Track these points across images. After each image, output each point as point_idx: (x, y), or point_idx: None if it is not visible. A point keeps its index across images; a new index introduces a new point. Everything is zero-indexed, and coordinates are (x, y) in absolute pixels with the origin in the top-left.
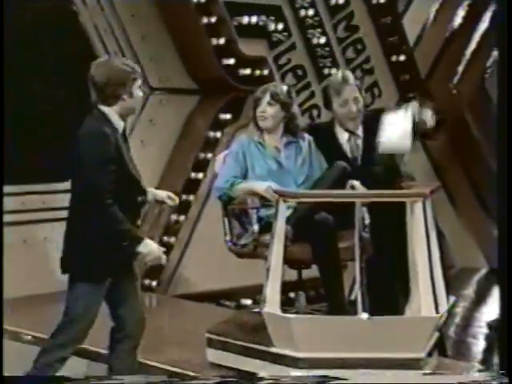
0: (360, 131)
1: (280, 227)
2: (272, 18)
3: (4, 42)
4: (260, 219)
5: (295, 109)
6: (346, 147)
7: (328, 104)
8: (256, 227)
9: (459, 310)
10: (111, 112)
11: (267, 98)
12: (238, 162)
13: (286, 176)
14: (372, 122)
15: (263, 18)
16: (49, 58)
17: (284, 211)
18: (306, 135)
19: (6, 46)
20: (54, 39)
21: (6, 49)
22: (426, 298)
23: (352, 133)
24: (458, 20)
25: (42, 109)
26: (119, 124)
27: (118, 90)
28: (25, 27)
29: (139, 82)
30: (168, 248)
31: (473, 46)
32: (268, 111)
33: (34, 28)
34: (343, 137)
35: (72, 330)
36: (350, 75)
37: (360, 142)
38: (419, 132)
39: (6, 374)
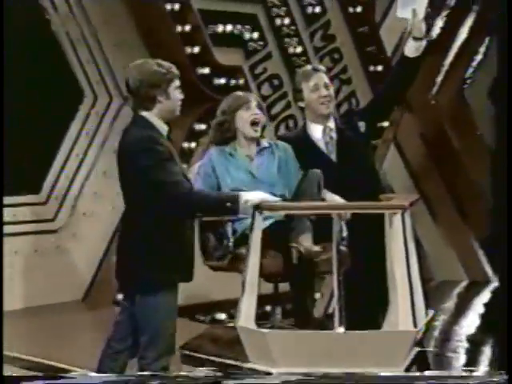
0: (332, 124)
1: (256, 240)
2: (247, 26)
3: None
4: (234, 232)
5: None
6: (321, 143)
7: (298, 94)
8: (231, 240)
9: (439, 323)
10: (152, 116)
11: (254, 102)
12: (207, 175)
13: (260, 186)
14: (344, 118)
15: (238, 26)
16: (22, 67)
17: (260, 223)
18: (281, 142)
19: None
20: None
21: None
22: (405, 312)
23: (325, 126)
24: (436, 30)
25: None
26: (163, 128)
27: (153, 91)
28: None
29: (176, 82)
30: None
31: (451, 55)
32: (259, 117)
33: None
34: (317, 133)
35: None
36: (319, 65)
37: (334, 134)
38: None
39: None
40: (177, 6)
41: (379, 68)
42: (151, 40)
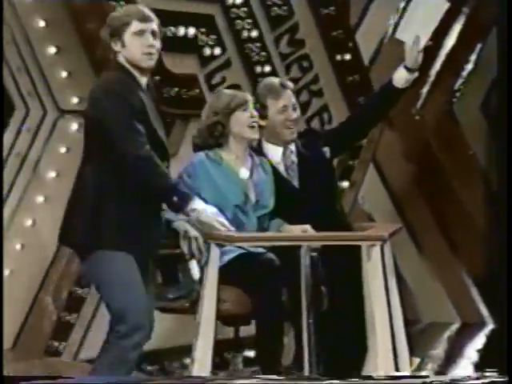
0: (293, 146)
1: (212, 276)
2: (203, 29)
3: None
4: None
5: None
6: (281, 166)
7: (261, 110)
8: (197, 277)
9: (427, 372)
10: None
11: (251, 102)
12: (187, 187)
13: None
14: (306, 139)
15: (193, 29)
16: None
17: (217, 257)
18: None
19: None
20: None
21: None
22: (385, 357)
23: (285, 148)
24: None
25: None
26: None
27: (109, 41)
28: None
29: (135, 26)
30: (79, 303)
31: (438, 65)
32: (258, 120)
33: None
34: (277, 154)
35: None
36: (286, 80)
37: (295, 158)
38: None
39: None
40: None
41: (355, 77)
42: (92, 47)
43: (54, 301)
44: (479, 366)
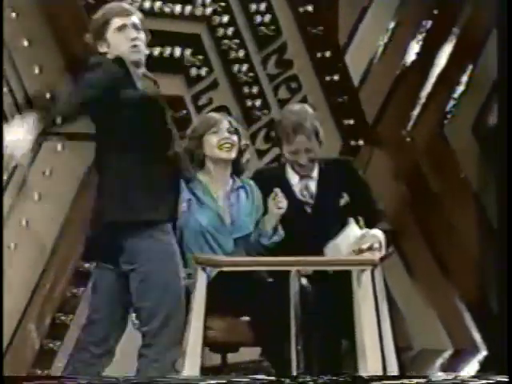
0: (315, 173)
1: (199, 301)
2: (190, 49)
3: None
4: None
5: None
6: (296, 188)
7: (278, 144)
8: None
9: None
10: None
11: (226, 124)
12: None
13: (228, 229)
14: (331, 169)
15: (179, 49)
16: None
17: (203, 281)
18: (255, 186)
19: None
20: None
21: None
22: None
23: (302, 177)
24: (411, 55)
25: None
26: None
27: (94, 44)
28: None
29: (116, 23)
30: (63, 330)
31: (429, 85)
32: (232, 138)
33: None
34: (294, 177)
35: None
36: (307, 115)
37: (313, 184)
38: None
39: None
40: None
41: (344, 99)
42: (74, 65)
43: (37, 328)
44: None
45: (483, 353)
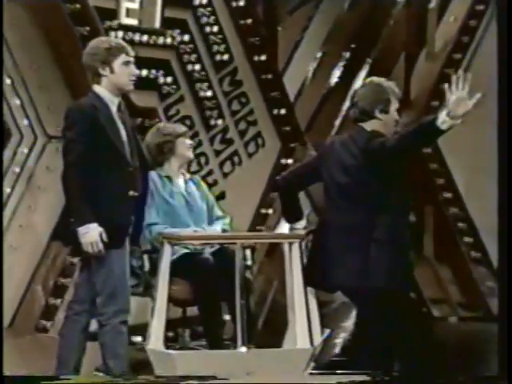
0: None
1: (164, 268)
2: (161, 71)
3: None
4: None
5: None
6: None
7: None
8: (146, 270)
9: (339, 340)
10: (101, 90)
11: (188, 133)
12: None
13: (191, 212)
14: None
15: (153, 71)
16: None
17: (168, 253)
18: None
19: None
20: None
21: None
22: (302, 331)
23: None
24: (334, 78)
25: None
26: (111, 100)
27: (95, 65)
28: None
29: (123, 58)
30: (63, 290)
31: (348, 102)
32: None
33: None
34: None
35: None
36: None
37: None
38: None
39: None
40: None
41: (283, 111)
42: (73, 83)
43: (43, 288)
44: None
45: None
